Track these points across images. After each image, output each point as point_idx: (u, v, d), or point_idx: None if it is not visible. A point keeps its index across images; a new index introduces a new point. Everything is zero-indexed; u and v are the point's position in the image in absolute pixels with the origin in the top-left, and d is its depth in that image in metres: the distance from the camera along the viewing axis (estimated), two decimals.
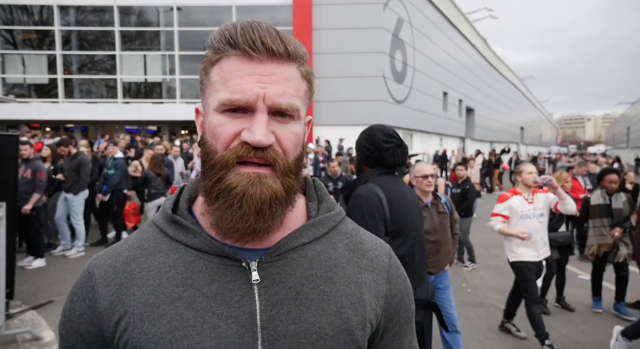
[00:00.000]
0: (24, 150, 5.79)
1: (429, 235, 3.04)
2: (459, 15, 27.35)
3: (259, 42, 0.64)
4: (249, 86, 0.64)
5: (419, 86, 21.31)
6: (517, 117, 47.92)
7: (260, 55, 0.64)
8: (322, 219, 0.76)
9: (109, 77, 18.46)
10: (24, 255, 6.17)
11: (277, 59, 0.66)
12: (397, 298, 0.77)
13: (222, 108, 0.65)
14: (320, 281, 0.70)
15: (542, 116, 72.48)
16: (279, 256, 0.70)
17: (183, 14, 17.68)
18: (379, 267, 0.76)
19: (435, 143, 23.68)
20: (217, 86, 0.66)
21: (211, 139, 0.67)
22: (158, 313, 0.66)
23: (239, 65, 0.65)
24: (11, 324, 4.23)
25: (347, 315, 0.70)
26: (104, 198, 6.99)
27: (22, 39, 18.42)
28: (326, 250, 0.73)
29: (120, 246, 0.74)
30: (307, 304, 0.68)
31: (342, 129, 17.10)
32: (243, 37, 0.64)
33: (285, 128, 0.67)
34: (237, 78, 0.64)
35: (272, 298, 0.68)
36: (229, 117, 0.65)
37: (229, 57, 0.66)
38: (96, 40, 18.42)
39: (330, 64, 17.18)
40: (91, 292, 0.70)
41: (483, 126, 33.90)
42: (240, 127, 0.65)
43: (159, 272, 0.69)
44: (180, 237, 0.71)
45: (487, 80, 34.94)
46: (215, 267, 0.69)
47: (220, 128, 0.65)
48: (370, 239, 0.80)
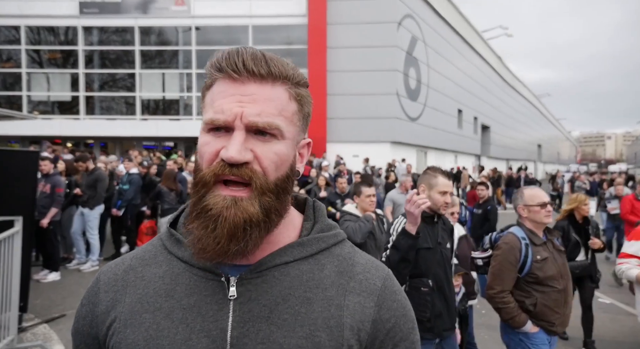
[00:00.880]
0: (44, 165, 5.95)
1: (554, 282, 2.51)
2: (473, 33, 27.43)
3: (240, 65, 0.67)
4: (228, 106, 0.66)
5: (433, 103, 21.30)
6: (534, 135, 47.31)
7: (242, 77, 0.67)
8: (312, 239, 0.75)
9: (129, 94, 18.95)
10: (39, 268, 6.28)
11: (258, 80, 0.68)
12: (390, 324, 0.72)
13: (206, 128, 0.69)
14: (296, 301, 0.69)
15: (560, 134, 71.42)
16: (259, 273, 0.70)
17: (201, 33, 18.15)
18: (368, 290, 0.73)
19: (450, 161, 23.50)
20: (207, 108, 0.70)
21: (199, 158, 0.70)
22: (140, 321, 0.69)
23: (224, 87, 0.68)
24: (23, 338, 4.29)
25: (320, 339, 0.67)
26: (119, 213, 7.11)
27: (47, 59, 19.10)
28: (311, 270, 0.72)
29: (128, 255, 0.80)
30: (279, 324, 0.67)
31: (355, 146, 17.12)
32: (227, 61, 0.67)
33: (266, 147, 0.67)
34: (221, 99, 0.68)
35: (245, 315, 0.68)
36: (213, 136, 0.68)
37: (218, 81, 0.69)
38: (117, 59, 18.99)
39: (344, 82, 17.33)
40: (95, 296, 0.75)
41: (499, 143, 33.55)
42: (220, 145, 0.67)
43: (149, 282, 0.72)
44: (174, 249, 0.74)
45: (503, 97, 34.72)
46: (197, 280, 0.71)
47: (204, 147, 0.68)
48: (366, 261, 0.77)
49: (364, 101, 17.38)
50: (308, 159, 6.31)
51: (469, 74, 26.32)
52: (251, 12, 17.68)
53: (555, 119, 67.14)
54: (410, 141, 19.01)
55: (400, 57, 18.09)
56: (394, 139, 17.77)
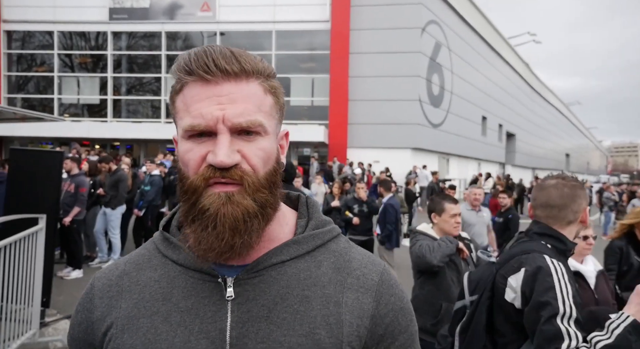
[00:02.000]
0: (64, 165, 6.12)
1: None
2: (499, 40, 27.00)
3: (212, 65, 0.65)
4: (207, 110, 0.65)
5: (456, 110, 21.02)
6: (562, 144, 46.10)
7: (216, 78, 0.65)
8: (307, 236, 0.74)
9: (155, 98, 19.41)
10: (63, 266, 6.46)
11: (233, 78, 0.66)
12: (388, 319, 0.72)
13: (186, 134, 0.67)
14: (295, 300, 0.69)
15: (590, 143, 69.37)
16: (256, 273, 0.70)
17: (225, 38, 18.46)
18: (366, 285, 0.73)
19: (473, 168, 23.11)
20: (181, 113, 0.68)
21: (182, 166, 0.69)
22: (137, 326, 0.69)
23: (197, 90, 0.66)
24: (45, 332, 4.40)
25: (320, 336, 0.67)
26: (139, 213, 7.26)
27: (78, 63, 19.78)
28: (308, 268, 0.72)
29: (121, 260, 0.79)
30: (278, 323, 0.67)
31: (377, 152, 17.05)
32: (197, 63, 0.65)
33: (252, 145, 0.67)
34: (196, 103, 0.66)
35: (243, 315, 0.68)
36: (195, 143, 0.67)
37: (189, 84, 0.67)
38: (144, 64, 19.51)
39: (366, 87, 17.31)
40: (89, 303, 0.74)
41: (525, 151, 32.80)
42: (205, 150, 0.66)
43: (144, 286, 0.72)
44: (168, 253, 0.74)
45: (530, 105, 33.98)
46: (194, 282, 0.70)
47: (188, 155, 0.67)
48: (362, 257, 0.77)
49: (385, 106, 17.31)
50: (321, 161, 5.90)
51: (494, 80, 25.89)
52: (275, 18, 17.89)
53: (585, 128, 65.28)
54: (432, 147, 18.80)
55: (423, 63, 17.95)
56: (415, 146, 17.60)
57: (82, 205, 6.23)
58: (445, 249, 2.73)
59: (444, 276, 2.70)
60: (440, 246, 2.74)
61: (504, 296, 1.58)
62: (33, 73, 19.88)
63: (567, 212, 1.63)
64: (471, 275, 1.88)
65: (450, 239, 2.81)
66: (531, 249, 1.59)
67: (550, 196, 1.66)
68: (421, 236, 2.93)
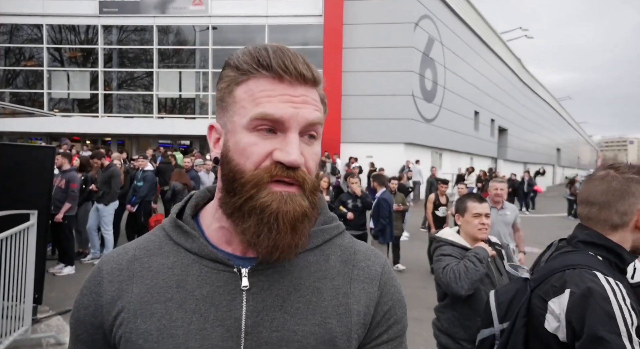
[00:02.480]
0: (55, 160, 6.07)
1: None
2: (492, 35, 27.08)
3: (291, 66, 0.67)
4: (281, 105, 0.66)
5: (449, 105, 21.09)
6: (553, 138, 46.46)
7: (291, 79, 0.67)
8: (317, 231, 0.77)
9: (146, 93, 19.24)
10: (55, 262, 6.42)
11: (305, 83, 0.69)
12: (387, 307, 0.76)
13: (253, 124, 0.67)
14: (307, 291, 0.72)
15: (581, 138, 70.00)
16: (270, 264, 0.72)
17: (218, 33, 18.32)
18: (371, 276, 0.77)
19: (465, 163, 23.22)
20: (245, 103, 0.68)
21: (239, 157, 0.68)
22: (150, 311, 0.70)
23: (269, 86, 0.67)
24: (37, 329, 4.37)
25: (331, 325, 0.70)
26: (132, 209, 7.22)
27: (68, 57, 19.53)
28: (317, 261, 0.75)
29: (129, 245, 0.79)
30: (292, 312, 0.70)
31: (370, 147, 17.07)
32: (276, 60, 0.67)
33: (310, 149, 0.70)
34: (268, 97, 0.67)
35: (258, 305, 0.69)
36: (260, 137, 0.67)
37: (258, 78, 0.68)
38: (135, 58, 19.31)
39: (359, 82, 17.30)
40: (98, 286, 0.75)
41: (516, 146, 33.03)
42: (271, 147, 0.67)
43: (157, 272, 0.73)
44: (181, 241, 0.75)
45: (522, 100, 34.18)
46: (209, 271, 0.72)
47: (252, 148, 0.67)
48: (366, 249, 0.81)
49: (378, 101, 17.32)
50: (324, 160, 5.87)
51: (486, 75, 25.99)
52: (268, 12, 17.78)
53: (576, 122, 65.83)
54: (425, 142, 18.86)
55: (416, 58, 17.97)
56: (408, 140, 17.65)
57: (73, 201, 6.18)
58: (474, 274, 2.27)
59: (477, 293, 2.31)
60: (468, 270, 2.27)
61: (543, 324, 1.24)
62: (22, 67, 19.60)
63: (609, 212, 1.26)
64: (499, 296, 1.53)
65: (482, 257, 2.33)
66: (576, 264, 1.24)
67: (592, 190, 1.31)
68: (447, 248, 2.47)
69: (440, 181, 7.37)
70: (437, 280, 2.40)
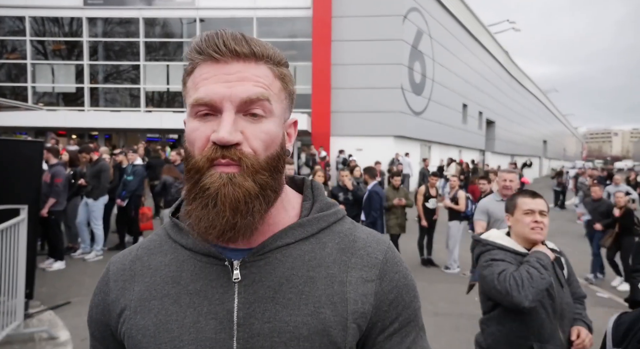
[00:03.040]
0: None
1: None
2: (479, 28, 27.21)
3: (222, 45, 0.66)
4: (214, 87, 0.66)
5: (437, 98, 21.21)
6: (540, 131, 47.03)
7: (225, 57, 0.67)
8: (311, 219, 0.76)
9: (133, 86, 18.99)
10: (45, 257, 6.36)
11: (242, 59, 0.67)
12: (392, 295, 0.74)
13: (193, 111, 0.68)
14: (300, 281, 0.71)
15: (567, 130, 70.94)
16: (262, 256, 0.72)
17: (205, 25, 18.11)
18: (370, 264, 0.74)
19: (454, 155, 23.43)
20: (190, 92, 0.69)
21: (189, 145, 0.69)
22: (149, 307, 0.72)
23: (206, 69, 0.67)
24: (29, 324, 4.36)
25: (325, 315, 0.69)
26: (122, 203, 7.18)
27: (52, 50, 19.15)
28: (312, 250, 0.74)
29: (135, 245, 0.83)
30: (284, 303, 0.69)
31: (359, 140, 17.11)
32: (207, 43, 0.67)
33: (255, 127, 0.67)
34: (204, 81, 0.67)
35: (250, 297, 0.70)
36: (201, 122, 0.67)
37: (200, 65, 0.68)
38: (122, 51, 19.02)
39: (348, 75, 17.28)
40: (105, 286, 0.78)
41: (504, 138, 33.38)
42: (210, 130, 0.66)
43: (155, 270, 0.75)
44: (177, 238, 0.76)
45: (509, 92, 34.49)
46: (202, 266, 0.72)
47: (194, 133, 0.68)
48: (367, 236, 0.78)
49: (368, 94, 17.34)
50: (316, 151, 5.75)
51: (474, 68, 26.15)
52: (256, 4, 17.62)
53: (562, 114, 66.66)
54: (414, 135, 18.97)
55: (405, 51, 18.00)
56: (397, 133, 17.73)
57: (57, 196, 6.09)
58: (539, 282, 1.89)
59: (534, 307, 1.95)
60: (533, 278, 1.89)
61: None
62: (4, 60, 19.17)
63: None
64: (622, 317, 1.41)
65: (545, 263, 1.96)
66: None
67: None
68: (497, 252, 2.09)
69: (430, 174, 7.42)
70: (488, 288, 2.04)
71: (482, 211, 4.36)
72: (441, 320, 4.80)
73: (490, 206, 4.29)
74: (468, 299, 5.57)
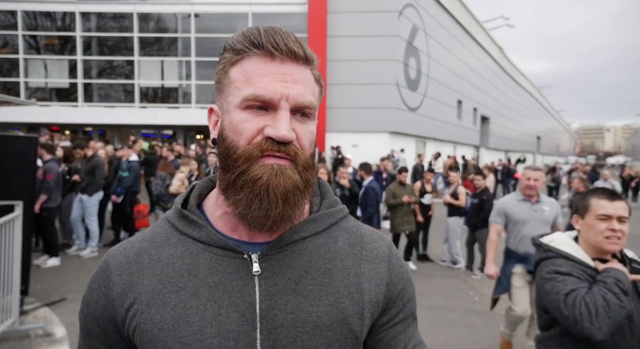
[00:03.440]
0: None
1: None
2: (474, 24, 27.25)
3: (282, 44, 0.68)
4: (272, 85, 0.67)
5: (432, 94, 21.25)
6: (533, 127, 47.29)
7: (283, 56, 0.68)
8: (323, 214, 0.79)
9: (127, 82, 18.85)
10: (39, 254, 6.34)
11: (297, 61, 0.70)
12: (400, 286, 0.79)
13: (245, 104, 0.69)
14: (318, 273, 0.73)
15: (560, 126, 71.37)
16: (280, 249, 0.73)
17: (200, 20, 17.99)
18: (379, 257, 0.79)
19: (448, 151, 23.52)
20: (239, 83, 0.69)
21: (232, 134, 0.70)
22: (164, 301, 0.71)
23: (261, 65, 0.69)
24: (25, 320, 4.35)
25: (344, 305, 0.72)
26: (118, 200, 7.15)
27: (45, 45, 18.96)
28: (326, 243, 0.76)
29: (134, 238, 0.80)
30: (305, 294, 0.71)
31: (355, 136, 17.13)
32: (267, 38, 0.68)
33: (304, 127, 0.71)
34: (260, 76, 0.68)
35: (271, 289, 0.71)
36: (252, 114, 0.69)
37: (251, 57, 0.69)
38: (115, 46, 18.86)
39: (344, 71, 17.26)
40: (106, 280, 0.75)
41: (498, 134, 33.54)
42: (262, 123, 0.68)
43: (167, 263, 0.74)
44: (188, 230, 0.76)
45: (503, 89, 34.62)
46: (219, 259, 0.72)
47: (244, 124, 0.68)
48: (371, 232, 0.83)
49: (363, 90, 17.34)
50: None
51: (469, 64, 26.21)
52: (251, 0, 17.53)
53: (555, 110, 67.03)
54: (409, 131, 19.00)
55: (400, 47, 18.00)
56: (393, 129, 17.76)
57: (48, 192, 6.04)
58: (617, 312, 1.57)
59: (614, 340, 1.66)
60: (610, 306, 1.57)
61: None
62: None
63: None
64: None
65: (623, 283, 1.61)
66: None
67: None
68: (560, 262, 1.75)
69: (427, 171, 7.43)
70: (551, 308, 1.72)
71: (500, 212, 3.85)
72: (436, 314, 4.84)
73: (510, 206, 3.80)
74: (463, 293, 5.63)
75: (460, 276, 6.20)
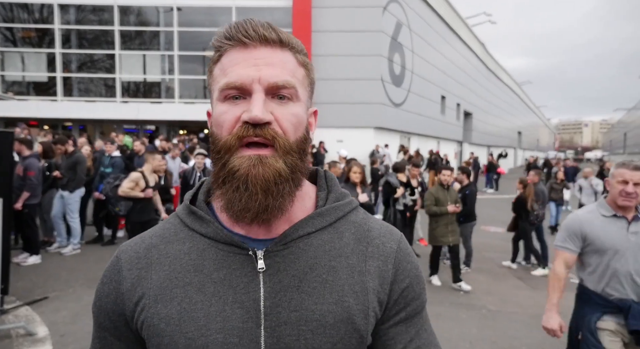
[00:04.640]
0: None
1: None
2: (457, 20, 27.48)
3: (251, 31, 0.68)
4: (244, 70, 0.68)
5: (417, 90, 21.39)
6: (515, 122, 48.05)
7: (254, 42, 0.69)
8: (329, 208, 0.77)
9: (108, 76, 18.48)
10: (19, 252, 6.19)
11: (270, 45, 0.70)
12: (404, 284, 0.77)
13: (222, 95, 0.69)
14: (323, 270, 0.72)
15: (540, 121, 72.68)
16: (285, 245, 0.72)
17: (183, 14, 17.72)
18: (385, 253, 0.77)
19: (432, 146, 23.75)
20: (219, 78, 0.70)
21: (216, 128, 0.70)
22: (170, 296, 0.71)
23: (235, 55, 0.69)
24: (5, 320, 4.25)
25: (349, 304, 0.71)
26: (101, 196, 7.02)
27: (21, 37, 18.42)
28: (332, 239, 0.75)
29: (146, 234, 0.80)
30: (309, 292, 0.70)
31: (340, 131, 17.14)
32: (236, 29, 0.69)
33: (284, 109, 0.69)
34: (233, 66, 0.69)
35: (275, 286, 0.70)
36: (230, 105, 0.69)
37: (228, 51, 0.70)
38: (96, 39, 18.44)
39: (328, 67, 17.23)
40: (117, 274, 0.76)
41: (481, 130, 34.00)
42: (240, 111, 0.68)
43: (174, 258, 0.74)
44: (195, 226, 0.75)
45: (486, 84, 35.06)
46: (224, 255, 0.72)
47: (224, 116, 0.69)
48: (380, 226, 0.81)
49: (348, 86, 17.35)
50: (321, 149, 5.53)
51: (452, 60, 26.45)
52: None
53: (536, 106, 68.22)
54: (393, 126, 19.12)
55: (385, 43, 18.05)
56: (377, 125, 17.83)
57: (31, 189, 5.91)
58: None
59: None
60: None
61: None
62: None
63: None
64: None
65: None
66: None
67: None
68: None
69: (412, 165, 7.43)
70: None
71: (574, 233, 2.44)
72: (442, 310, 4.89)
73: (590, 226, 2.39)
74: (448, 287, 5.70)
75: (446, 271, 6.28)
